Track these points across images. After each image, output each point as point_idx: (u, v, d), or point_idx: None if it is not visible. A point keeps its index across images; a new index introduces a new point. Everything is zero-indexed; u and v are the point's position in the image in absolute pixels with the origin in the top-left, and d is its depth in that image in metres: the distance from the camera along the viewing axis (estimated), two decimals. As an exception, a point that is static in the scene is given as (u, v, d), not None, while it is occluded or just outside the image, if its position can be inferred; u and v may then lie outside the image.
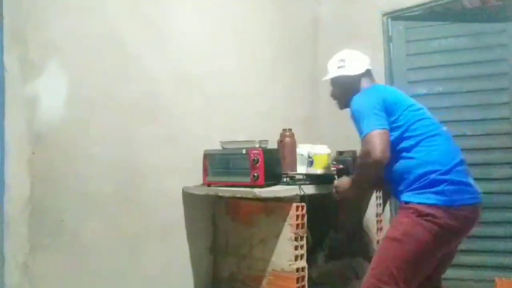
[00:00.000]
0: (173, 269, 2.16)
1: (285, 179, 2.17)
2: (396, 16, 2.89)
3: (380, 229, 2.66)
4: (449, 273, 2.71)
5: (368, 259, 2.55)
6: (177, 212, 2.20)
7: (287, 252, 2.00)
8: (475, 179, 2.64)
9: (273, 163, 2.10)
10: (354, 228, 2.53)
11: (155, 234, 2.11)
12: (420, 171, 1.62)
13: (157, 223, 2.11)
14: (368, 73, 1.91)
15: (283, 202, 2.01)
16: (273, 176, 2.09)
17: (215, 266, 2.33)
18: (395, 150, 1.67)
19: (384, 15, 2.91)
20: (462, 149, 2.83)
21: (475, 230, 1.70)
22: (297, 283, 1.97)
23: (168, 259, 2.14)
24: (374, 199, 2.62)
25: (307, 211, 2.03)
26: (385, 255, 1.64)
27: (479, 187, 1.71)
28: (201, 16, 2.38)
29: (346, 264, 2.42)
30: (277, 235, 2.03)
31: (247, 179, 2.01)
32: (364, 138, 1.65)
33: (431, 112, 1.75)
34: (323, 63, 3.14)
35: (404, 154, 1.67)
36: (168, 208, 2.15)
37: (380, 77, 2.91)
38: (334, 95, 2.00)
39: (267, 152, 2.03)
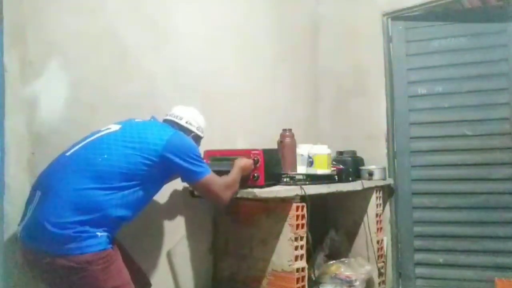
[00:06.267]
0: (173, 269, 2.16)
1: (285, 179, 2.17)
2: (396, 16, 2.89)
3: (380, 229, 2.66)
4: (450, 273, 2.73)
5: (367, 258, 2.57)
6: (177, 212, 2.20)
7: (287, 252, 2.00)
8: (475, 179, 2.67)
9: (273, 163, 2.10)
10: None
11: (155, 234, 2.11)
12: None
13: (157, 223, 2.11)
14: None
15: (283, 202, 2.02)
16: (273, 176, 2.09)
17: (215, 266, 2.33)
18: None
19: (384, 15, 2.91)
20: (462, 149, 2.82)
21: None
22: (297, 283, 1.97)
23: (168, 259, 2.14)
24: (374, 199, 2.62)
25: (307, 211, 2.04)
26: None
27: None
28: (201, 17, 2.38)
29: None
30: (277, 235, 2.03)
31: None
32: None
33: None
34: (323, 63, 3.18)
35: None
36: (168, 208, 2.15)
37: (380, 77, 2.93)
38: None
39: (267, 153, 2.03)
